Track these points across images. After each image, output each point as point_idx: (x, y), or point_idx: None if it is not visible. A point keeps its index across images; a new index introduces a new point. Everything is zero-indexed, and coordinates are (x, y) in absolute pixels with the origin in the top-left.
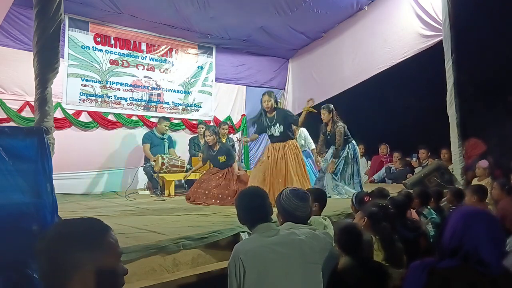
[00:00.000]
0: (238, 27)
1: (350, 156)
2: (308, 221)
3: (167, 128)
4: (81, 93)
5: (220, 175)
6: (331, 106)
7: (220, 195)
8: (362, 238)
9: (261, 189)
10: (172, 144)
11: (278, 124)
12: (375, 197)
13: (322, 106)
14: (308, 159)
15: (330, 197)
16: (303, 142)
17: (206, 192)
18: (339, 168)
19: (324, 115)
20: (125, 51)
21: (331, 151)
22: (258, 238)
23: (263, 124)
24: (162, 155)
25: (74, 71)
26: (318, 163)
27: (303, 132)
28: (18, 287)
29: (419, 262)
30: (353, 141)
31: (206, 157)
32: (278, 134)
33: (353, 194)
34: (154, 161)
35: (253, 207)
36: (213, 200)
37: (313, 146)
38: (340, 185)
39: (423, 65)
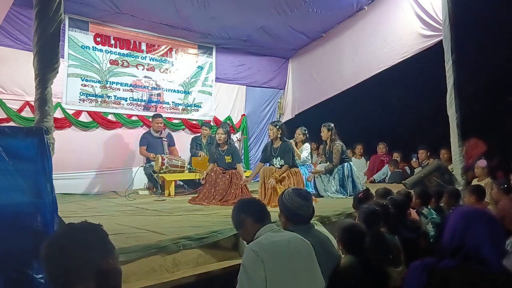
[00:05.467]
0: (238, 27)
1: (346, 175)
2: (311, 221)
3: (160, 124)
4: (81, 93)
5: (227, 176)
6: (332, 124)
7: (222, 194)
8: (364, 238)
9: None
10: (172, 142)
11: (279, 158)
12: (379, 197)
13: (323, 124)
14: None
15: (322, 196)
16: (306, 154)
17: (224, 194)
18: (332, 184)
19: (323, 132)
20: (125, 51)
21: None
22: (270, 234)
23: (267, 153)
24: (162, 155)
25: (74, 71)
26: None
27: (306, 147)
28: (19, 286)
29: (419, 262)
30: (350, 162)
31: (213, 157)
32: (279, 166)
33: (355, 194)
34: (153, 158)
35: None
36: (215, 198)
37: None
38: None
39: (423, 65)
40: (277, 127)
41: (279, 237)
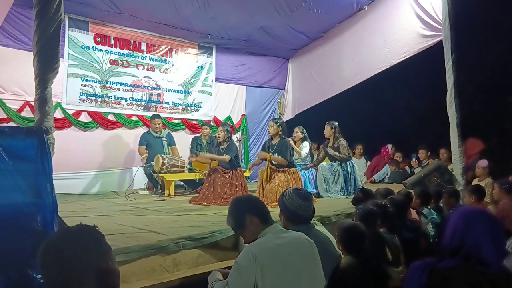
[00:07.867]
0: (238, 27)
1: (349, 173)
2: (311, 221)
3: (158, 125)
4: (81, 93)
5: (227, 176)
6: (336, 123)
7: (222, 194)
8: (365, 238)
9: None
10: (172, 141)
11: (276, 154)
12: (380, 197)
13: (327, 122)
14: (309, 171)
15: (322, 196)
16: (306, 151)
17: (224, 194)
18: (337, 183)
19: (326, 130)
20: (125, 51)
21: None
22: (272, 238)
23: (265, 149)
24: (162, 155)
25: (74, 71)
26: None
27: (305, 145)
28: (19, 286)
29: (419, 262)
30: (352, 161)
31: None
32: (277, 163)
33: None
34: (145, 158)
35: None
36: (215, 198)
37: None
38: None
39: (423, 65)
40: (278, 124)
41: (281, 239)
